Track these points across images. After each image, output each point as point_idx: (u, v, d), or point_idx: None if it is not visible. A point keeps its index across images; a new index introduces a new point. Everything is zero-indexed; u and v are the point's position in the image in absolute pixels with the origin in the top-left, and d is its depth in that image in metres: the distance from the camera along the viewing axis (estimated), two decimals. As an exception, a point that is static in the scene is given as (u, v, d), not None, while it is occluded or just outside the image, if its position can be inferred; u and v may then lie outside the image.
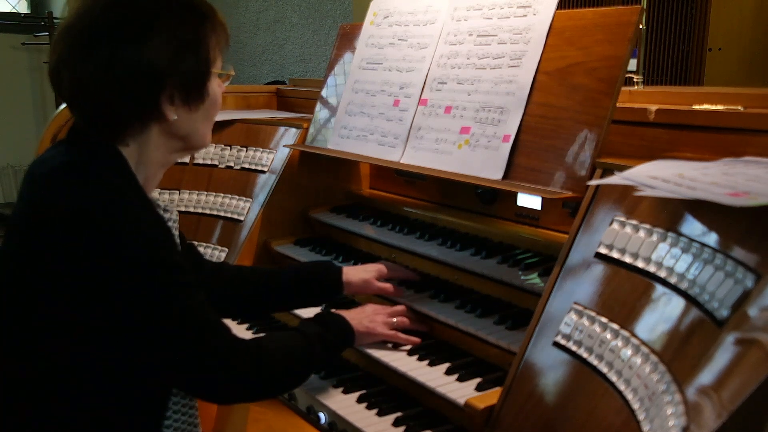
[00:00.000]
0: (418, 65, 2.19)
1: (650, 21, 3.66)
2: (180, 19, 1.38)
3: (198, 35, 1.41)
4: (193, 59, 1.40)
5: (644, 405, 1.18)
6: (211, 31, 1.44)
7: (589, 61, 1.75)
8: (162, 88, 1.37)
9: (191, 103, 1.43)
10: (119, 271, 1.29)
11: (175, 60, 1.37)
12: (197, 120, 1.46)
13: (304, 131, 2.55)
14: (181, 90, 1.40)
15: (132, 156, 1.42)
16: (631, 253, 1.38)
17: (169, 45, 1.36)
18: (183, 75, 1.39)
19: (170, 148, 1.47)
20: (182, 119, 1.43)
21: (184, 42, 1.38)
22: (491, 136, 1.90)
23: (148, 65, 1.34)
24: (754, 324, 1.01)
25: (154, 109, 1.39)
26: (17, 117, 6.41)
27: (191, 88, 1.41)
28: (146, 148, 1.43)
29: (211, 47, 1.44)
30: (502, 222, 2.10)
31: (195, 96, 1.43)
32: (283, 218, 2.53)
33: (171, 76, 1.37)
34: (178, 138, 1.46)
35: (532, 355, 1.51)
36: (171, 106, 1.40)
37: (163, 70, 1.36)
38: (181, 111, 1.42)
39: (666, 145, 1.67)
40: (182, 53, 1.38)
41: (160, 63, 1.35)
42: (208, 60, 1.44)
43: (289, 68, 5.63)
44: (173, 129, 1.43)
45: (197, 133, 1.48)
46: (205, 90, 1.44)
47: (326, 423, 1.74)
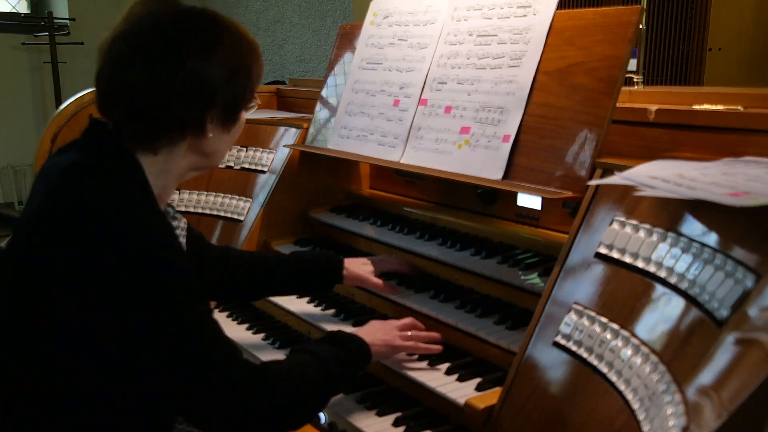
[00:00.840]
0: (418, 65, 2.19)
1: (650, 21, 3.66)
2: (238, 45, 1.45)
3: (249, 62, 1.48)
4: (242, 83, 1.47)
5: (644, 405, 1.18)
6: (257, 60, 1.51)
7: (589, 61, 1.75)
8: (211, 106, 1.42)
9: (226, 124, 1.48)
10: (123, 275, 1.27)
11: (228, 81, 1.43)
12: (224, 141, 1.51)
13: (304, 131, 2.55)
14: (223, 110, 1.45)
15: (157, 164, 1.44)
16: (631, 253, 1.38)
17: (227, 66, 1.42)
18: (230, 96, 1.45)
19: (191, 164, 1.51)
20: (214, 138, 1.47)
21: (238, 66, 1.45)
22: (491, 136, 1.90)
23: (207, 80, 1.39)
24: (754, 324, 1.01)
25: (198, 123, 1.43)
26: (17, 117, 6.40)
27: (231, 110, 1.47)
28: (173, 159, 1.46)
29: (255, 77, 1.51)
30: (502, 222, 2.10)
31: (231, 118, 1.49)
32: (283, 218, 2.53)
33: (221, 95, 1.42)
34: (202, 155, 1.50)
35: (532, 355, 1.51)
36: (210, 123, 1.45)
37: (217, 89, 1.41)
38: (216, 130, 1.47)
39: (666, 145, 1.67)
40: (236, 76, 1.44)
41: (217, 82, 1.41)
42: (253, 87, 1.51)
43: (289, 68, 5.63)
44: (203, 146, 1.47)
45: (220, 153, 1.53)
46: (240, 114, 1.51)
47: (326, 423, 1.74)
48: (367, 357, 1.66)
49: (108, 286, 1.27)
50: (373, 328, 1.74)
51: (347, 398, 1.75)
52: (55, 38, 6.08)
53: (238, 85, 1.45)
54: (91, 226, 1.28)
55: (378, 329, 1.74)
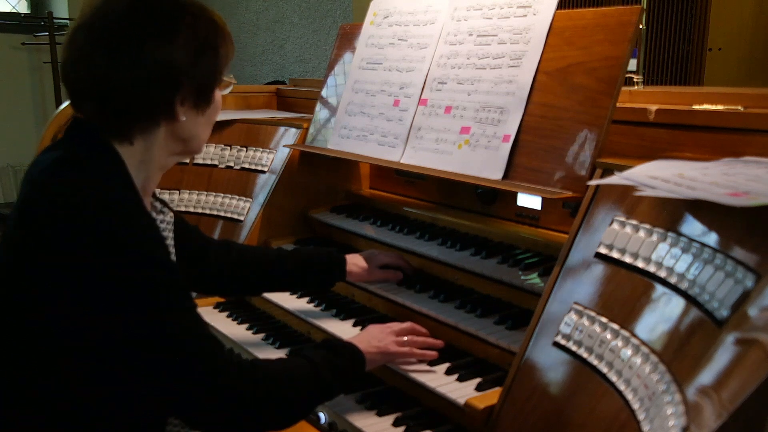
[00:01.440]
0: (418, 65, 2.19)
1: (650, 21, 3.66)
2: (201, 24, 1.43)
3: (215, 42, 1.46)
4: (209, 63, 1.45)
5: (644, 405, 1.18)
6: (224, 40, 1.49)
7: (589, 61, 1.75)
8: (179, 88, 1.41)
9: (200, 106, 1.46)
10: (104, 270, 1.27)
11: (194, 62, 1.41)
12: (201, 124, 1.49)
13: (304, 131, 2.56)
14: (193, 92, 1.43)
15: (135, 155, 1.43)
16: (631, 253, 1.38)
17: (190, 47, 1.40)
18: (198, 77, 1.43)
19: (171, 150, 1.49)
20: (189, 121, 1.46)
21: (203, 46, 1.43)
22: (491, 136, 1.90)
23: (170, 64, 1.38)
24: (754, 324, 1.01)
25: (167, 108, 1.41)
26: (17, 117, 6.40)
27: (202, 92, 1.45)
28: (151, 147, 1.45)
29: (222, 56, 1.48)
30: (502, 222, 2.10)
31: (204, 100, 1.47)
32: (283, 218, 2.53)
33: (188, 77, 1.41)
34: (180, 140, 1.48)
35: (532, 355, 1.51)
36: (182, 107, 1.43)
37: (182, 70, 1.40)
38: (189, 113, 1.45)
39: (666, 145, 1.67)
40: (201, 56, 1.42)
41: (181, 63, 1.39)
42: (220, 67, 1.49)
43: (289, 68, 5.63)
44: (179, 131, 1.46)
45: (198, 137, 1.51)
46: (212, 95, 1.49)
47: (326, 423, 1.74)
48: (361, 364, 1.64)
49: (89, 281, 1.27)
50: (369, 335, 1.72)
51: (347, 398, 1.75)
52: (55, 38, 6.08)
53: (204, 66, 1.43)
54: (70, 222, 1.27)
55: (373, 336, 1.72)
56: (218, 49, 1.47)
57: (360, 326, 1.96)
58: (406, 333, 1.77)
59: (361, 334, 1.74)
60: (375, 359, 1.68)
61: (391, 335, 1.73)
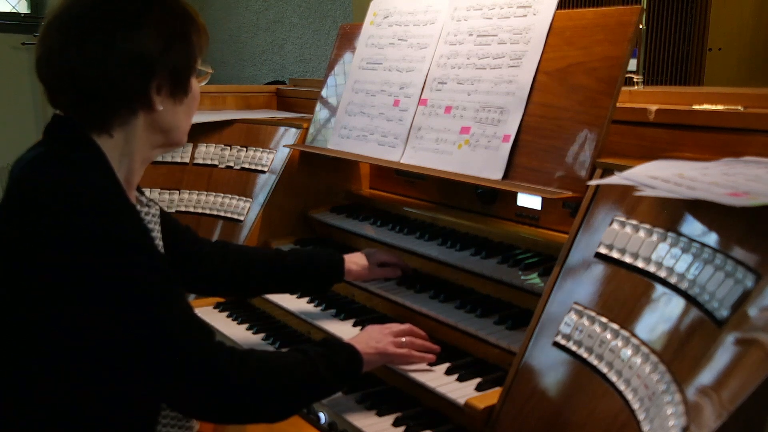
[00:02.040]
0: (418, 65, 2.19)
1: (650, 21, 3.65)
2: (169, 13, 1.44)
3: (185, 30, 1.47)
4: (181, 51, 1.45)
5: (644, 405, 1.18)
6: (195, 30, 1.49)
7: (589, 61, 1.75)
8: (152, 76, 1.41)
9: (176, 95, 1.47)
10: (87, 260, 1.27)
11: (165, 50, 1.42)
12: (180, 113, 1.50)
13: (304, 131, 2.55)
14: (168, 80, 1.44)
15: (116, 147, 1.44)
16: (631, 253, 1.38)
17: (160, 35, 1.41)
18: (172, 65, 1.44)
19: (153, 143, 1.50)
20: (167, 111, 1.46)
21: (173, 34, 1.44)
22: (491, 136, 1.90)
23: (141, 52, 1.39)
24: (754, 324, 1.01)
25: (143, 97, 1.42)
26: (17, 117, 6.40)
27: (178, 80, 1.46)
28: (131, 138, 1.45)
29: (195, 44, 1.49)
30: (502, 222, 2.10)
31: (180, 88, 1.47)
32: (283, 218, 2.53)
33: (161, 65, 1.41)
34: (160, 131, 1.49)
35: (532, 355, 1.51)
36: (158, 96, 1.44)
37: (154, 59, 1.40)
38: (167, 102, 1.46)
39: (666, 145, 1.67)
40: (172, 44, 1.43)
41: (152, 51, 1.40)
42: (194, 54, 1.49)
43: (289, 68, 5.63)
44: (158, 121, 1.47)
45: (179, 128, 1.52)
46: (189, 83, 1.49)
47: (326, 423, 1.74)
48: (359, 364, 1.62)
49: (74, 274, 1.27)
50: (367, 336, 1.71)
51: (347, 398, 1.75)
52: (55, 38, 6.08)
53: (176, 53, 1.44)
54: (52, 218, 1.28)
55: (371, 337, 1.71)
56: (189, 37, 1.47)
57: (360, 326, 1.96)
58: (405, 334, 1.76)
59: (360, 334, 1.74)
60: (373, 360, 1.67)
61: (389, 336, 1.72)
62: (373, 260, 2.05)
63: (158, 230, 1.57)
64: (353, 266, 2.03)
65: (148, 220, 1.52)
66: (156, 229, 1.55)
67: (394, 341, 1.71)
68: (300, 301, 2.17)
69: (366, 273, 2.04)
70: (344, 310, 2.07)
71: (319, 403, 1.74)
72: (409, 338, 1.75)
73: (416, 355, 1.73)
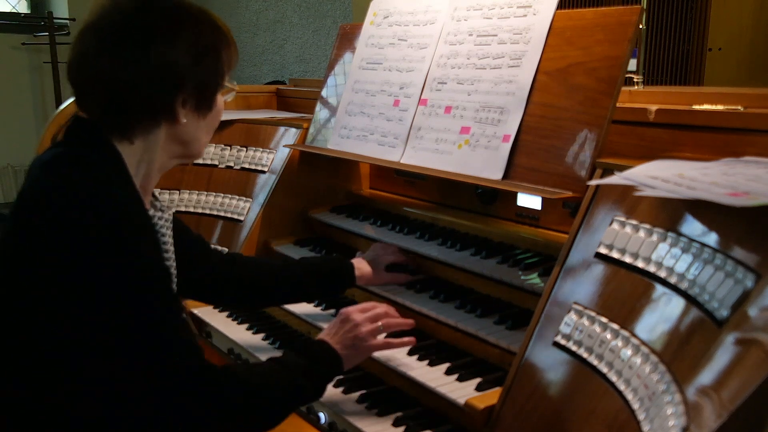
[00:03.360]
0: (418, 65, 2.19)
1: (650, 21, 3.66)
2: (204, 28, 1.47)
3: (217, 46, 1.49)
4: (210, 67, 1.48)
5: (644, 405, 1.18)
6: (227, 46, 1.51)
7: (589, 61, 1.75)
8: (179, 90, 1.43)
9: (201, 109, 1.49)
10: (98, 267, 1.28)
11: (195, 64, 1.44)
12: (201, 128, 1.52)
13: (304, 131, 2.55)
14: (195, 95, 1.46)
15: (135, 154, 1.45)
16: (631, 253, 1.38)
17: (193, 49, 1.43)
18: (200, 80, 1.46)
19: (171, 153, 1.51)
20: (190, 125, 1.48)
21: (205, 49, 1.46)
22: (491, 136, 1.90)
23: (171, 66, 1.41)
24: (754, 324, 1.01)
25: (168, 109, 1.44)
26: (17, 117, 6.40)
27: (204, 95, 1.48)
28: (151, 147, 1.47)
29: (225, 60, 1.51)
30: (502, 222, 2.10)
31: (205, 103, 1.49)
32: (283, 218, 2.53)
33: (189, 79, 1.43)
34: (180, 143, 1.50)
35: (532, 355, 1.51)
36: (183, 109, 1.45)
37: (184, 72, 1.42)
38: (190, 116, 1.48)
39: (666, 145, 1.67)
40: (202, 59, 1.45)
41: (183, 66, 1.42)
42: (222, 71, 1.51)
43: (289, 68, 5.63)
44: (179, 133, 1.48)
45: (199, 141, 1.53)
46: (214, 99, 1.52)
47: (326, 423, 1.74)
48: (339, 368, 1.63)
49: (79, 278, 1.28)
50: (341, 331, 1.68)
51: (347, 398, 1.75)
52: (55, 38, 6.08)
53: (206, 69, 1.46)
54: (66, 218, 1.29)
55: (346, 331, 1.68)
56: (220, 53, 1.49)
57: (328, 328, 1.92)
58: (380, 318, 1.74)
59: (335, 325, 1.70)
60: (352, 359, 1.66)
61: (365, 325, 1.69)
62: (380, 265, 2.05)
63: (170, 235, 1.58)
64: (363, 272, 2.03)
65: (161, 224, 1.54)
66: (168, 234, 1.57)
67: (371, 330, 1.69)
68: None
69: (374, 279, 2.04)
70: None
71: (319, 403, 1.74)
72: (385, 321, 1.74)
73: (396, 342, 1.73)
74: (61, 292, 1.29)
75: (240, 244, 2.46)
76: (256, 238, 2.47)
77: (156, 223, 1.51)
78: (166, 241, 1.55)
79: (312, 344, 1.65)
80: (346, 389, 1.78)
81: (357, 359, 1.68)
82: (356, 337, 1.68)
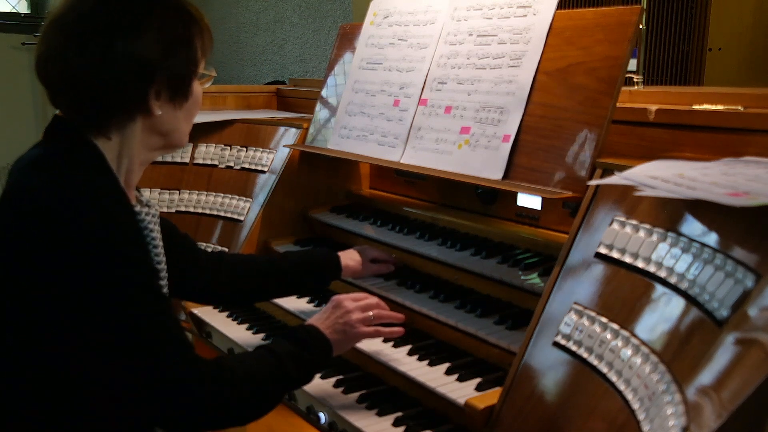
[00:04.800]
0: (418, 65, 2.19)
1: (650, 21, 3.66)
2: (172, 17, 1.42)
3: (188, 34, 1.44)
4: (182, 56, 1.44)
5: (644, 405, 1.18)
6: (199, 32, 1.47)
7: (589, 61, 1.75)
8: (151, 82, 1.40)
9: (176, 99, 1.45)
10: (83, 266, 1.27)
11: (165, 55, 1.40)
12: (179, 118, 1.49)
13: (304, 131, 2.55)
14: (168, 86, 1.43)
15: (113, 149, 1.43)
16: (631, 253, 1.38)
17: (161, 40, 1.39)
18: (171, 71, 1.42)
19: (151, 145, 1.49)
20: (166, 115, 1.45)
21: (175, 39, 1.42)
22: (491, 136, 1.90)
23: (140, 58, 1.37)
24: (754, 324, 1.01)
25: (141, 102, 1.41)
26: (17, 117, 6.40)
27: (177, 85, 1.44)
28: (128, 141, 1.44)
29: (198, 48, 1.47)
30: (502, 222, 2.10)
31: (180, 93, 1.46)
32: (283, 218, 2.53)
33: (160, 70, 1.40)
34: (159, 134, 1.48)
35: (532, 355, 1.51)
36: (157, 101, 1.42)
37: (153, 64, 1.39)
38: (165, 107, 1.44)
39: (666, 145, 1.67)
40: (173, 49, 1.41)
41: (152, 57, 1.38)
42: (196, 59, 1.47)
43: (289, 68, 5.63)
44: (156, 125, 1.45)
45: (178, 130, 1.50)
46: (189, 88, 1.48)
47: (326, 423, 1.74)
48: (328, 353, 1.63)
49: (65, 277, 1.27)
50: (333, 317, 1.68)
51: (347, 398, 1.75)
52: (55, 38, 6.08)
53: (177, 59, 1.42)
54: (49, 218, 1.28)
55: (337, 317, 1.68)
56: (192, 41, 1.45)
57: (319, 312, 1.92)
58: (372, 308, 1.74)
59: (327, 311, 1.70)
60: (342, 344, 1.67)
61: (355, 313, 1.70)
62: (366, 256, 2.07)
63: (158, 230, 1.56)
64: (350, 262, 2.04)
65: (148, 220, 1.51)
66: (156, 230, 1.55)
67: (361, 318, 1.70)
68: (300, 302, 2.18)
69: (361, 269, 2.06)
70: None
71: (319, 403, 1.75)
72: (377, 312, 1.74)
73: (385, 331, 1.73)
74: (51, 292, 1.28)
75: (240, 244, 2.46)
76: (256, 238, 2.47)
77: (144, 219, 1.49)
78: (155, 237, 1.54)
79: (302, 329, 1.64)
80: (346, 389, 1.78)
81: (346, 345, 1.69)
82: (347, 323, 1.67)
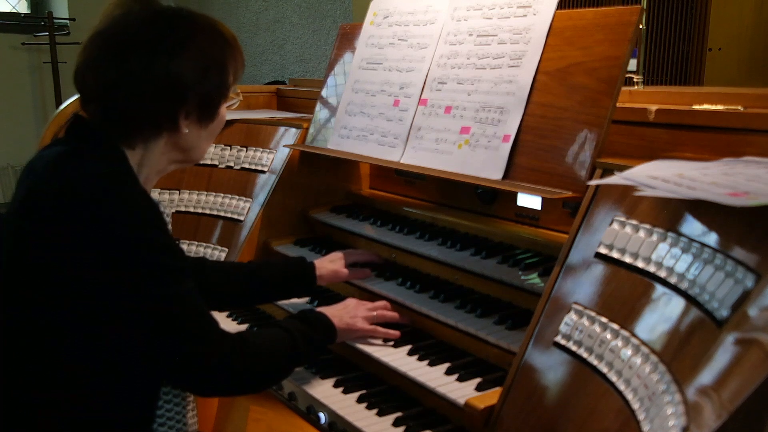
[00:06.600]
0: (418, 65, 2.19)
1: (650, 21, 3.66)
2: (210, 42, 1.48)
3: (223, 60, 1.50)
4: (215, 80, 1.49)
5: (644, 405, 1.18)
6: (233, 57, 1.53)
7: (589, 61, 1.75)
8: (183, 103, 1.45)
9: (203, 120, 1.51)
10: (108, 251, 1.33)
11: (201, 79, 1.46)
12: (203, 137, 1.54)
13: (304, 131, 2.55)
14: (198, 107, 1.48)
15: (135, 158, 1.49)
16: (631, 253, 1.38)
17: (198, 64, 1.45)
18: (204, 93, 1.48)
19: (171, 159, 1.55)
20: (191, 134, 1.51)
21: (211, 63, 1.47)
22: (491, 136, 1.90)
23: (177, 79, 1.42)
24: (754, 324, 1.01)
25: (171, 121, 1.46)
26: (17, 117, 6.40)
27: (207, 107, 1.50)
28: (150, 153, 1.50)
29: (231, 73, 1.53)
30: (502, 222, 2.10)
31: (208, 115, 1.51)
32: (283, 218, 2.53)
33: (193, 92, 1.45)
34: (180, 150, 1.53)
35: (532, 355, 1.51)
36: (185, 120, 1.48)
37: (188, 86, 1.44)
38: (192, 126, 1.50)
39: (666, 145, 1.67)
40: (208, 73, 1.47)
41: (188, 79, 1.44)
42: (228, 84, 1.53)
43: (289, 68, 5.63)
44: (180, 141, 1.51)
45: (199, 148, 1.57)
46: (217, 110, 1.53)
47: (326, 423, 1.74)
48: (333, 338, 1.79)
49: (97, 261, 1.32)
50: (344, 309, 1.85)
51: (347, 398, 1.76)
52: (55, 38, 6.08)
53: (211, 82, 1.48)
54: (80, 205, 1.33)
55: (346, 312, 1.85)
56: (226, 66, 1.51)
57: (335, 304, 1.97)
58: (378, 309, 1.90)
59: (339, 305, 1.88)
60: (343, 334, 1.81)
61: (362, 310, 1.86)
62: (342, 263, 2.09)
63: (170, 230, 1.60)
64: (324, 271, 2.07)
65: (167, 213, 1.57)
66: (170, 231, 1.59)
67: (367, 316, 1.86)
68: (300, 301, 2.17)
69: (336, 277, 2.08)
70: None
71: (319, 403, 1.75)
72: (380, 312, 1.89)
73: (381, 331, 1.85)
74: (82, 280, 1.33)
75: (240, 244, 2.46)
76: (256, 238, 2.47)
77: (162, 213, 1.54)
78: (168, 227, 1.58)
79: (311, 313, 1.79)
80: (346, 389, 1.79)
81: (348, 336, 1.84)
82: (352, 317, 1.84)
